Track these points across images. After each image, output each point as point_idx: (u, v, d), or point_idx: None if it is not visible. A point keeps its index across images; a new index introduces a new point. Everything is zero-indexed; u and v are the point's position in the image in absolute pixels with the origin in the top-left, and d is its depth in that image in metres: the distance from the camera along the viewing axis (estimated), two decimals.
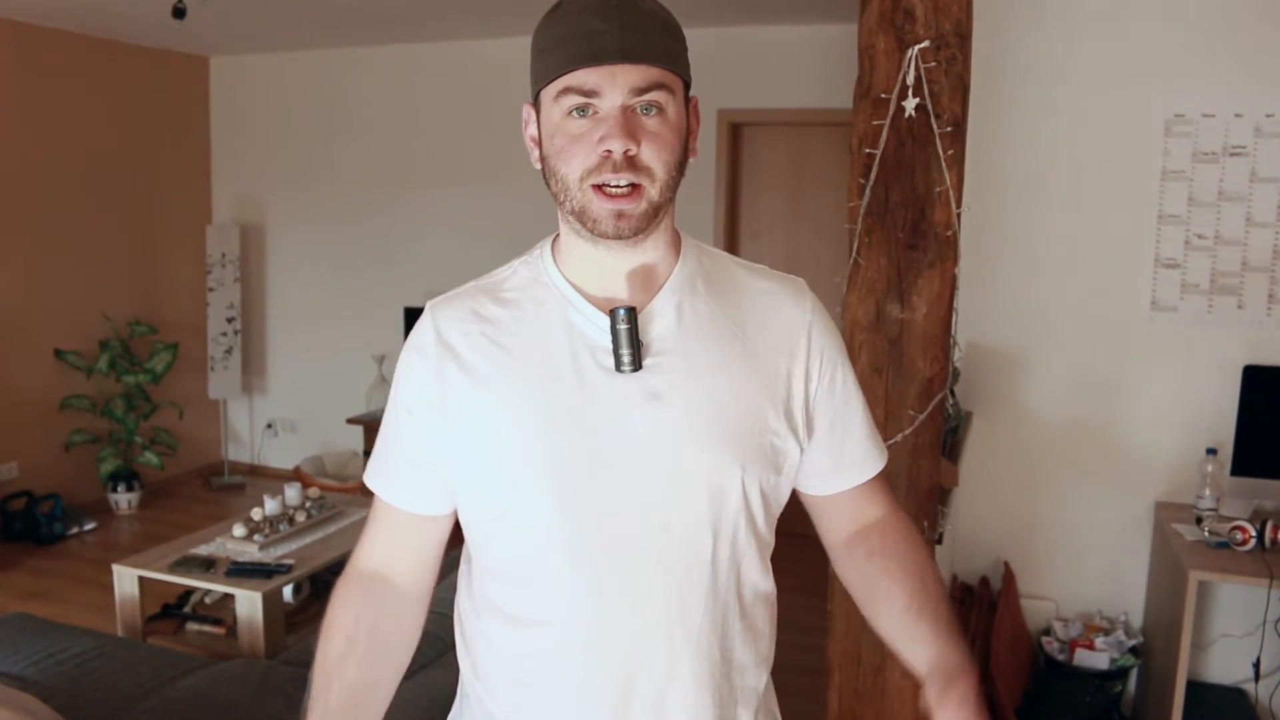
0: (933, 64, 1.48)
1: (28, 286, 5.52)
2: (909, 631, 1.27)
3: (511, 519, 1.17)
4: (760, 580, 1.26)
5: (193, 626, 3.79)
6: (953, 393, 3.20)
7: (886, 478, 1.39)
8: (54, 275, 5.66)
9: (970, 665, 1.22)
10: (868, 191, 1.53)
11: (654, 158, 1.12)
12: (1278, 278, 3.33)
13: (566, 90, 1.11)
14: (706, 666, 1.19)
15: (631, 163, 1.11)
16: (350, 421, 5.85)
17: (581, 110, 1.11)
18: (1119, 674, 3.37)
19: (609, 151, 1.10)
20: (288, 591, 3.77)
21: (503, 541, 1.20)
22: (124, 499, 5.91)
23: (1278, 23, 3.24)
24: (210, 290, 6.40)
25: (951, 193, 1.51)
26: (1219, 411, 3.38)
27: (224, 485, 6.49)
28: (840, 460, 1.31)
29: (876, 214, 1.54)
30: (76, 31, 5.64)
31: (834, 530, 1.38)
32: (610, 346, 1.15)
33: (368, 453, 5.74)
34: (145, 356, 6.00)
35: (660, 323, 1.19)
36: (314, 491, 4.30)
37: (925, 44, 1.49)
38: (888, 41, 1.51)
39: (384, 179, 6.25)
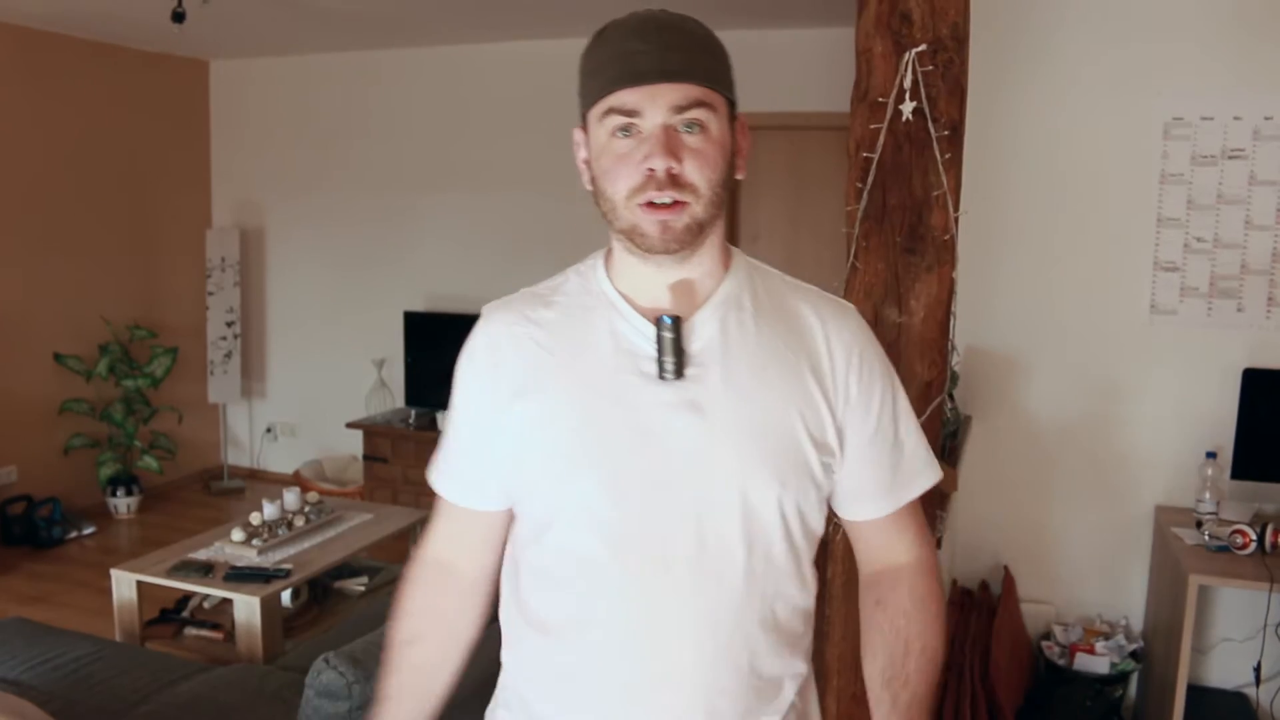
0: (930, 68, 1.48)
1: (27, 290, 5.52)
2: (875, 696, 1.32)
3: (554, 528, 1.21)
4: (797, 594, 1.26)
5: (191, 631, 3.78)
6: (951, 397, 3.20)
7: (922, 517, 1.37)
8: (54, 279, 5.66)
9: None
10: (865, 195, 1.52)
11: (696, 174, 1.14)
12: (1277, 280, 3.33)
13: (610, 111, 1.14)
14: (734, 676, 1.20)
15: (675, 180, 1.13)
16: (350, 426, 5.84)
17: (625, 130, 1.14)
18: (1119, 678, 3.36)
19: (652, 170, 1.12)
20: (286, 596, 3.76)
21: (545, 542, 1.23)
22: (123, 503, 5.90)
23: (1276, 25, 3.24)
24: (210, 294, 6.40)
25: (949, 196, 1.51)
26: (1219, 415, 3.38)
27: (223, 490, 6.48)
28: (869, 487, 1.31)
29: (874, 218, 1.54)
30: (77, 35, 5.65)
31: (863, 561, 1.38)
32: (654, 354, 1.18)
33: (367, 457, 5.75)
34: (145, 360, 5.99)
35: (704, 335, 1.20)
36: (313, 496, 4.29)
37: (922, 48, 1.48)
38: (885, 45, 1.51)
39: (384, 183, 6.25)
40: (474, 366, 1.27)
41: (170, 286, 6.41)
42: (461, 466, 1.30)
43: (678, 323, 1.17)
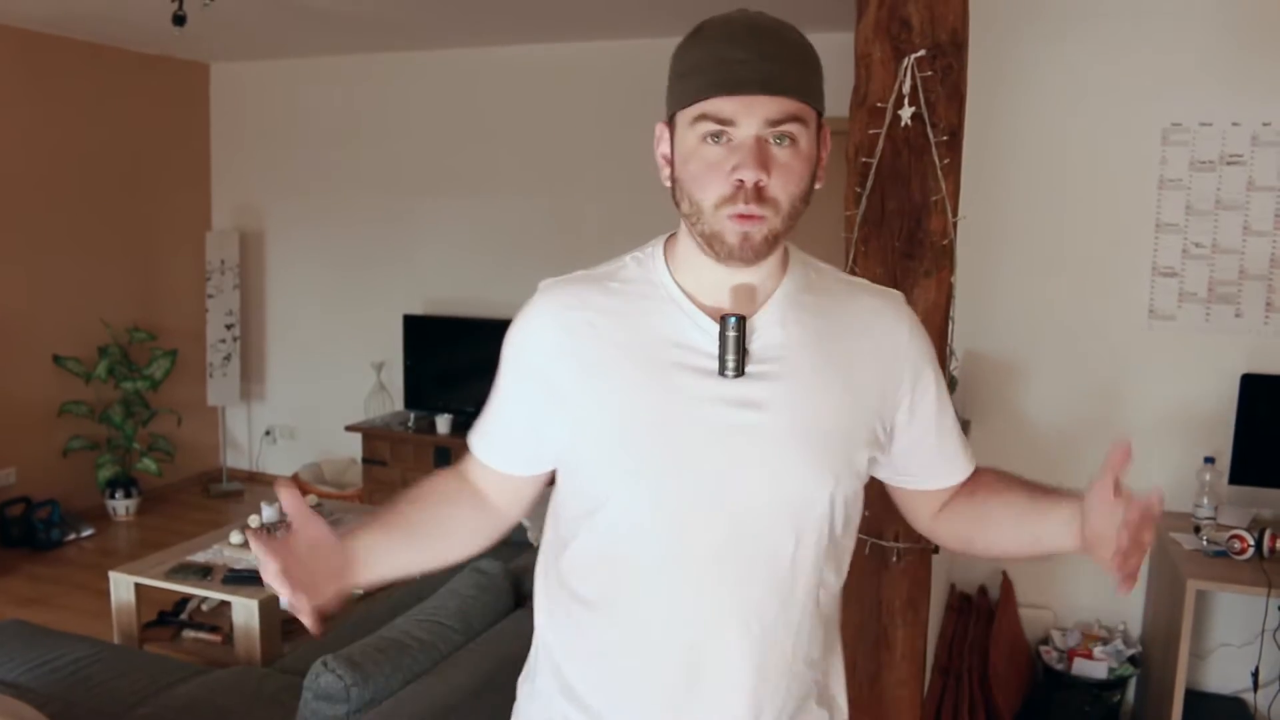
0: (929, 73, 1.48)
1: (27, 292, 5.52)
2: (1046, 507, 1.29)
3: (606, 509, 1.23)
4: (835, 581, 1.31)
5: (189, 634, 3.78)
6: None
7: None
8: (53, 281, 5.66)
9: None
10: (864, 200, 1.53)
11: (781, 189, 1.16)
12: (1275, 286, 3.33)
13: (703, 117, 1.14)
14: (776, 658, 1.24)
15: (760, 194, 1.14)
16: (349, 429, 5.84)
17: (715, 137, 1.14)
18: (1117, 683, 3.36)
19: (741, 181, 1.13)
20: (284, 599, 3.76)
21: (596, 521, 1.25)
22: (122, 505, 5.90)
23: (1275, 32, 3.25)
24: (209, 297, 6.40)
25: (948, 201, 1.51)
26: (1217, 420, 3.38)
27: (222, 492, 6.48)
28: (940, 461, 1.37)
29: (873, 222, 1.54)
30: (78, 38, 5.65)
31: (929, 510, 1.42)
32: (715, 352, 1.20)
33: (366, 460, 5.74)
34: (144, 363, 5.99)
35: (765, 334, 1.23)
36: (312, 499, 4.30)
37: (921, 53, 1.49)
38: (884, 50, 1.51)
39: (384, 186, 6.25)
40: (531, 344, 1.27)
41: (170, 289, 6.41)
42: (504, 438, 1.33)
43: (742, 322, 1.19)
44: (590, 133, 5.51)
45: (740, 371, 1.19)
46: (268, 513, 4.00)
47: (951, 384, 3.00)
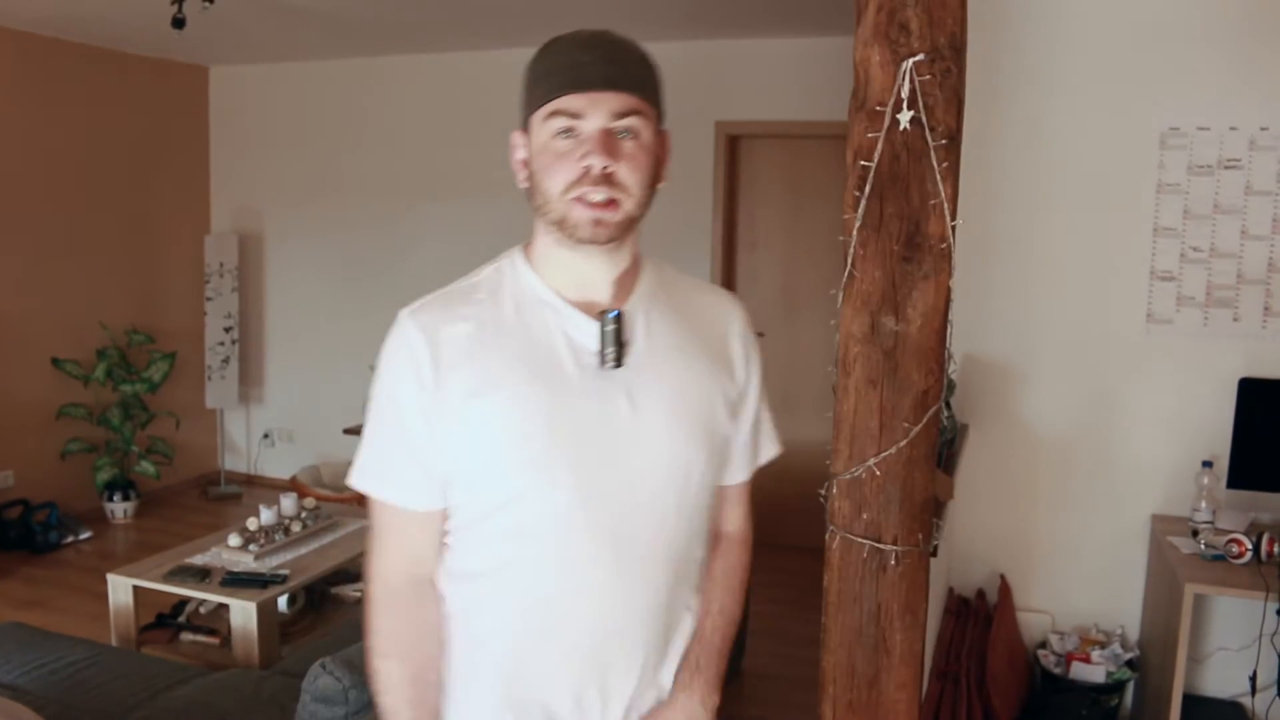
0: (927, 77, 1.49)
1: (25, 294, 5.52)
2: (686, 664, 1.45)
3: (508, 507, 1.29)
4: (702, 552, 1.45)
5: (187, 636, 3.78)
6: (948, 405, 3.20)
7: (749, 494, 1.58)
8: (52, 283, 5.66)
9: (692, 712, 1.43)
10: (863, 204, 1.53)
11: (629, 175, 1.26)
12: (1273, 290, 3.34)
13: (555, 113, 1.25)
14: (660, 624, 1.38)
15: (609, 179, 1.24)
16: (347, 432, 5.83)
17: (566, 132, 1.25)
18: (1115, 687, 3.37)
19: (588, 167, 1.23)
20: (283, 602, 3.76)
21: (496, 525, 1.31)
22: (120, 508, 5.90)
23: (1272, 36, 3.25)
24: (208, 299, 6.41)
25: (946, 205, 1.51)
26: (1215, 424, 3.38)
27: (220, 495, 6.48)
28: (740, 455, 1.51)
29: (871, 226, 1.54)
30: (77, 41, 5.66)
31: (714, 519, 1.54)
32: (592, 346, 1.30)
33: None
34: (142, 365, 6.00)
35: (636, 326, 1.33)
36: (310, 502, 4.29)
37: (920, 57, 1.49)
38: (883, 54, 1.51)
39: (383, 189, 6.26)
40: (416, 368, 1.29)
41: (169, 292, 6.41)
42: (410, 471, 1.32)
43: (620, 317, 1.30)
44: None
45: (620, 362, 1.30)
46: (266, 515, 4.00)
47: (950, 387, 3.00)
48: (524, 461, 1.27)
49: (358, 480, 1.35)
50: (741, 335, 1.46)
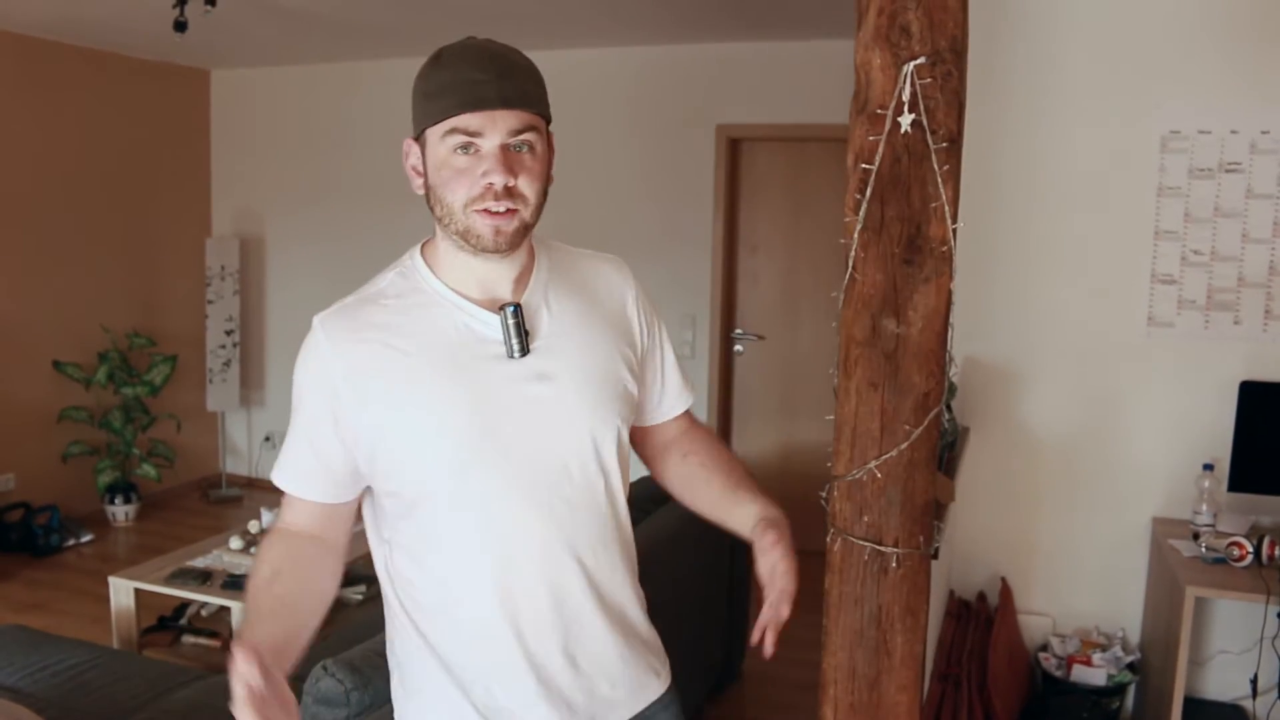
0: (928, 80, 1.49)
1: (27, 297, 5.53)
2: (732, 500, 1.60)
3: (435, 498, 1.37)
4: (625, 516, 1.55)
5: (188, 639, 3.78)
6: (949, 408, 3.20)
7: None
8: (53, 286, 5.67)
9: (783, 516, 1.55)
10: (864, 207, 1.53)
11: (527, 186, 1.35)
12: (1274, 293, 3.34)
13: (453, 131, 1.32)
14: (607, 588, 1.48)
15: (510, 192, 1.33)
16: None
17: (465, 148, 1.32)
18: (1116, 690, 3.37)
19: (491, 184, 1.32)
20: None
21: (426, 516, 1.39)
22: (121, 511, 5.90)
23: (1274, 40, 3.26)
24: (209, 303, 6.41)
25: (947, 208, 1.51)
26: (1216, 427, 3.39)
27: (221, 498, 6.48)
28: (664, 396, 1.66)
29: (872, 229, 1.54)
30: (78, 44, 5.66)
31: (654, 446, 1.71)
32: (499, 339, 1.39)
33: None
34: (144, 368, 6.00)
35: (536, 314, 1.43)
36: None
37: (921, 60, 1.49)
38: (884, 57, 1.51)
39: (384, 192, 6.26)
40: (327, 373, 1.37)
41: (170, 295, 6.42)
42: (324, 474, 1.41)
43: (519, 309, 1.39)
44: (587, 138, 5.52)
45: (526, 351, 1.39)
46: (267, 518, 4.01)
47: (951, 390, 3.00)
48: (453, 453, 1.36)
49: (276, 477, 1.44)
50: (636, 300, 1.59)
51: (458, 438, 1.36)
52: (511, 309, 1.38)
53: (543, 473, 1.40)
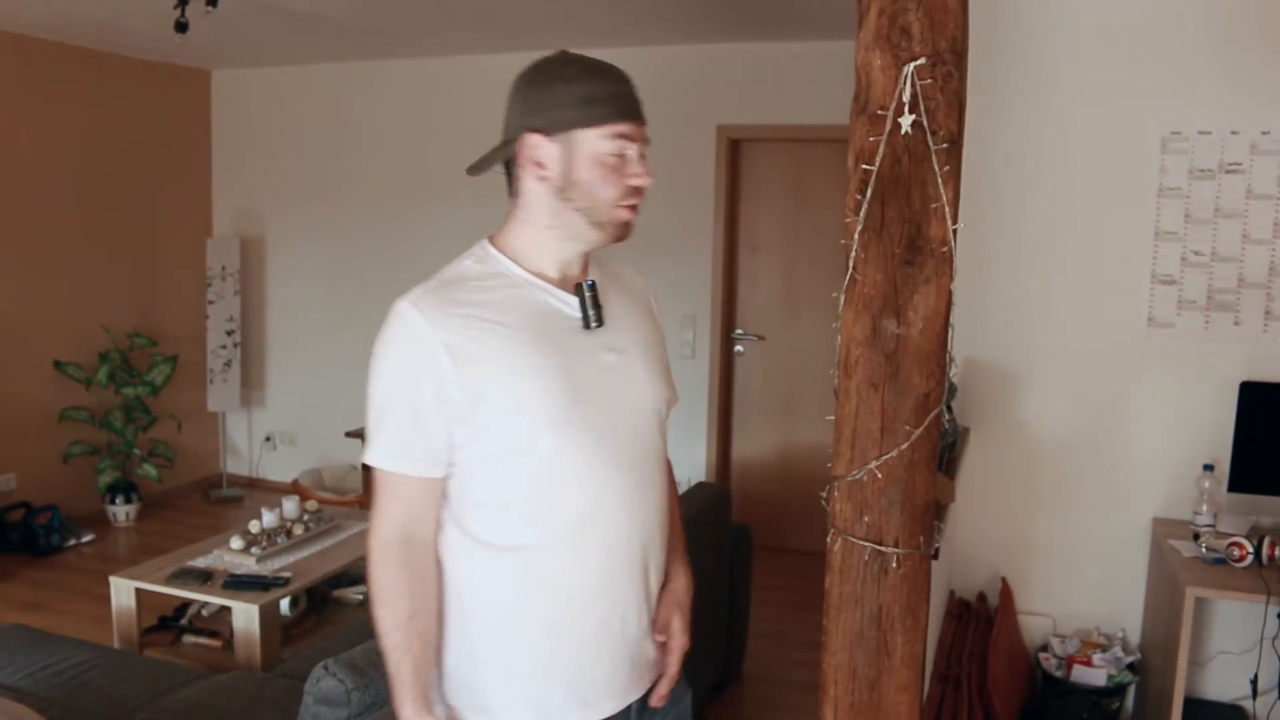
0: (929, 81, 1.49)
1: (27, 297, 5.53)
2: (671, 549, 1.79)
3: (538, 445, 1.51)
4: (667, 460, 1.77)
5: (189, 639, 3.78)
6: (949, 408, 3.20)
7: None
8: (54, 286, 5.67)
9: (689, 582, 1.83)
10: (864, 207, 1.53)
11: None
12: (1274, 294, 3.34)
13: (619, 135, 1.52)
14: (661, 527, 1.67)
15: (640, 192, 1.57)
16: (349, 435, 5.84)
17: (619, 152, 1.52)
18: (1116, 691, 3.37)
19: (640, 185, 1.56)
20: (285, 604, 3.77)
21: (523, 462, 1.52)
22: (122, 511, 5.90)
23: (1274, 41, 3.26)
24: (210, 303, 6.41)
25: (948, 209, 1.52)
26: (1216, 427, 3.39)
27: (222, 498, 6.48)
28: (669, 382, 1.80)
29: (873, 229, 1.55)
30: (79, 44, 5.67)
31: None
32: (576, 316, 1.58)
33: (366, 466, 5.71)
34: (144, 368, 6.00)
35: (604, 293, 1.62)
36: (312, 504, 4.30)
37: (921, 61, 1.49)
38: (884, 58, 1.52)
39: (385, 192, 6.27)
40: (425, 350, 1.48)
41: (170, 295, 6.42)
42: (418, 443, 1.51)
43: (594, 285, 1.59)
44: None
45: (601, 322, 1.58)
46: (268, 518, 4.01)
47: (951, 390, 3.00)
48: (555, 411, 1.50)
49: (376, 459, 1.53)
50: (654, 299, 1.83)
51: (556, 397, 1.50)
52: (589, 283, 1.58)
53: (624, 431, 1.58)
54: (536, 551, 1.54)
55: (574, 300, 1.57)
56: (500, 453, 1.52)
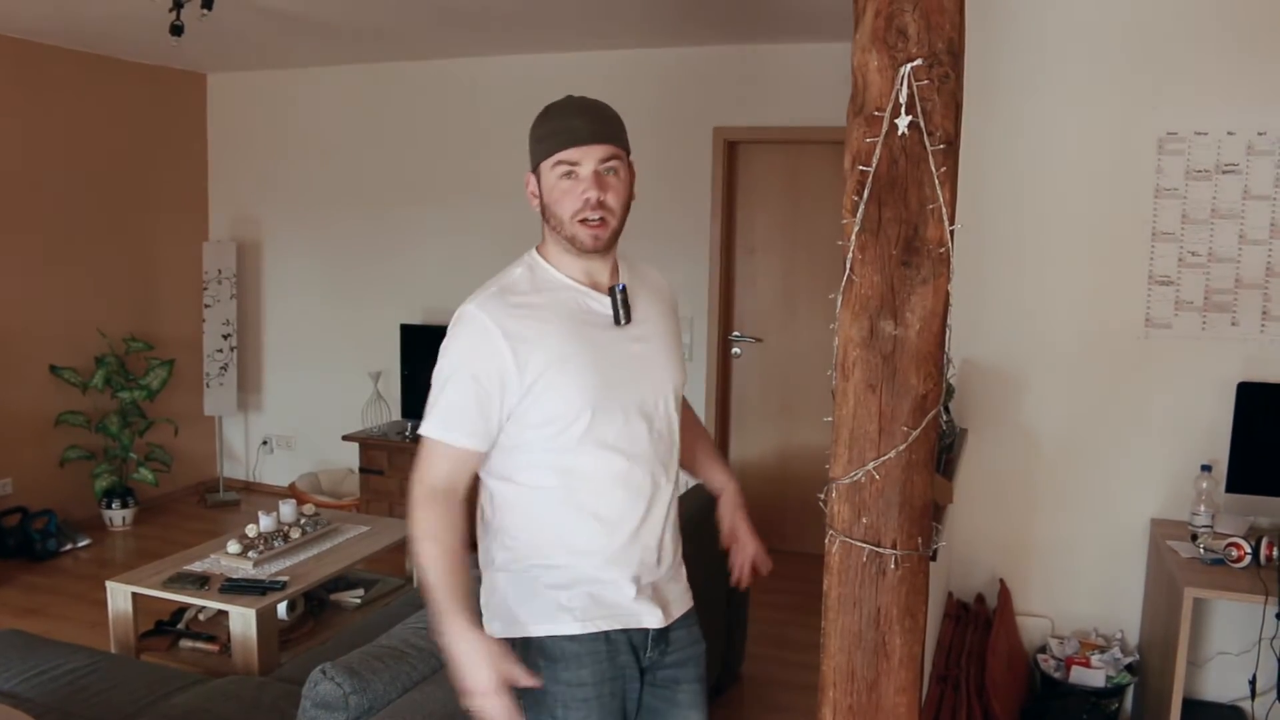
0: (925, 82, 1.49)
1: (23, 302, 5.52)
2: (701, 469, 2.23)
3: (577, 423, 1.81)
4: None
5: (186, 643, 3.77)
6: (947, 409, 3.20)
7: None
8: (50, 291, 5.66)
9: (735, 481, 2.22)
10: (861, 208, 1.53)
11: (614, 200, 1.84)
12: (1271, 294, 3.35)
13: (559, 162, 1.81)
14: (672, 494, 1.97)
15: (601, 205, 1.81)
16: (346, 439, 5.83)
17: (568, 174, 1.80)
18: (1115, 692, 3.37)
19: (588, 198, 1.80)
20: (282, 609, 3.76)
21: (566, 440, 1.82)
22: (118, 515, 5.89)
23: (1270, 42, 3.26)
24: (206, 307, 6.41)
25: (945, 210, 1.51)
26: (1213, 428, 3.39)
27: (219, 502, 6.47)
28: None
29: (870, 231, 1.55)
30: (75, 48, 5.66)
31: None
32: (608, 313, 1.88)
33: (364, 470, 5.72)
34: (141, 373, 5.99)
35: (632, 295, 1.91)
36: (309, 508, 4.29)
37: (918, 62, 1.49)
38: (881, 60, 1.51)
39: (381, 196, 6.26)
40: (492, 342, 1.78)
41: (167, 299, 6.41)
42: (475, 420, 1.80)
43: (625, 289, 1.89)
44: None
45: (629, 320, 1.89)
46: (265, 522, 4.00)
47: (949, 392, 3.00)
48: (594, 390, 1.81)
49: (433, 430, 1.81)
50: (675, 298, 2.12)
51: (595, 379, 1.81)
52: (620, 286, 1.88)
53: (648, 406, 1.89)
54: (575, 488, 1.85)
55: (607, 300, 1.88)
56: (549, 417, 1.81)
